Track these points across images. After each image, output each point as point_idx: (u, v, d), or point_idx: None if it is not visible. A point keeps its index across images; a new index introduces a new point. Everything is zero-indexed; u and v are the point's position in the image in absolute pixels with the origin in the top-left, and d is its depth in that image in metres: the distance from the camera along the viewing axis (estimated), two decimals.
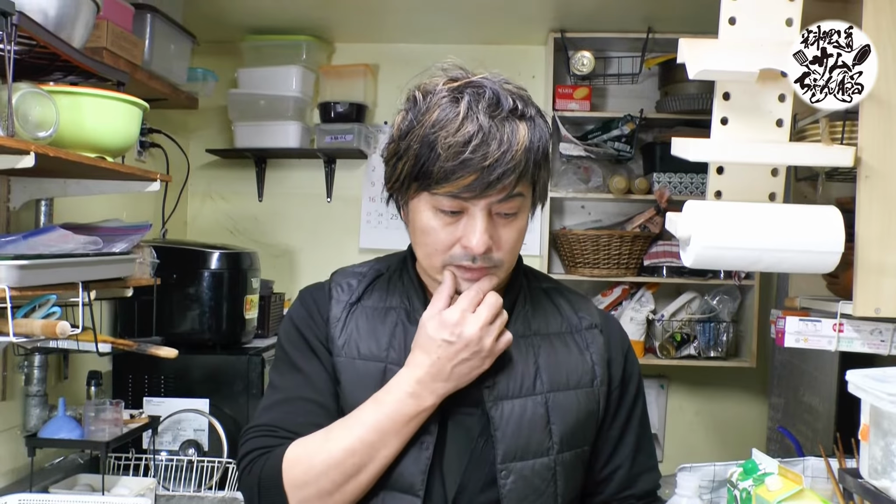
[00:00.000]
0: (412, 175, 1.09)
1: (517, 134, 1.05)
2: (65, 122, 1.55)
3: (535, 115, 1.09)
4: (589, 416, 1.18)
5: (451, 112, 1.05)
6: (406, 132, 1.09)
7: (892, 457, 1.13)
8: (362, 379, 1.15)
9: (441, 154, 1.04)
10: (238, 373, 2.39)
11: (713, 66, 1.44)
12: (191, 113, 2.98)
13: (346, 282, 1.24)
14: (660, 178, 2.91)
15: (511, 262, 1.15)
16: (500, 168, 1.03)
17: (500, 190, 1.05)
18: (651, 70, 3.05)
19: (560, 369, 1.17)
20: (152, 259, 2.02)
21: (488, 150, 1.02)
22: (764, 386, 3.09)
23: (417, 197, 1.11)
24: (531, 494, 1.12)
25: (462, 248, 1.09)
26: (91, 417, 1.97)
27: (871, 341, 1.59)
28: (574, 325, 1.22)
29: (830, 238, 1.42)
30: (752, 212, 1.45)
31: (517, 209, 1.10)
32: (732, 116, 1.51)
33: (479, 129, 1.03)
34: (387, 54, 3.19)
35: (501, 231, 1.10)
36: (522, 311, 1.20)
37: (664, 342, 2.97)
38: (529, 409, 1.14)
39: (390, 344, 1.16)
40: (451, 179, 1.04)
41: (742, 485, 1.50)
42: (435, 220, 1.10)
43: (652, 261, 2.97)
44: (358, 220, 3.20)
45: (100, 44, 1.97)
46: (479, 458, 1.13)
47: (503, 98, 1.06)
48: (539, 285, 1.27)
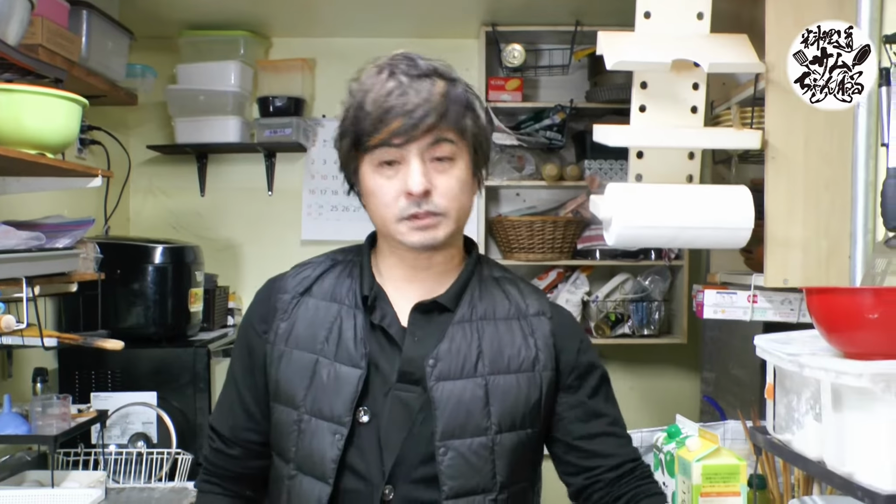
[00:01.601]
0: (352, 140, 1.19)
1: (435, 85, 1.16)
2: (3, 118, 1.57)
3: (456, 78, 1.21)
4: (529, 400, 1.23)
5: (377, 78, 1.17)
6: (345, 113, 1.21)
7: (793, 412, 1.24)
8: (295, 369, 1.22)
9: (369, 110, 1.15)
10: (185, 365, 2.41)
11: (629, 57, 1.54)
12: (130, 109, 2.98)
13: (301, 272, 1.31)
14: (591, 164, 3.02)
15: (457, 216, 1.21)
16: (420, 111, 1.14)
17: (426, 132, 1.15)
18: (581, 62, 3.15)
19: (502, 353, 1.22)
20: (96, 254, 2.04)
21: (408, 98, 1.14)
22: (696, 361, 3.22)
23: (362, 163, 1.20)
24: (468, 471, 1.18)
25: (405, 196, 1.17)
26: (38, 412, 1.97)
27: (781, 310, 1.71)
28: (521, 311, 1.27)
29: (741, 215, 1.53)
30: (669, 193, 1.56)
31: (450, 155, 1.18)
32: (650, 104, 1.61)
33: (400, 84, 1.15)
34: (323, 49, 3.23)
35: (438, 178, 1.18)
36: (470, 296, 1.26)
37: (599, 322, 3.08)
38: (469, 390, 1.19)
39: (327, 337, 1.23)
40: (380, 129, 1.15)
41: (666, 448, 1.61)
42: (378, 176, 1.19)
43: (585, 244, 3.09)
44: (299, 212, 3.24)
45: (35, 41, 1.97)
46: (418, 433, 1.19)
47: (420, 62, 1.18)
48: (491, 273, 1.32)
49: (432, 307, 1.24)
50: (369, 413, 1.20)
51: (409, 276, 1.26)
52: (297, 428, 1.21)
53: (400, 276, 1.27)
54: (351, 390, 1.19)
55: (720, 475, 1.46)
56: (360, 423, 1.19)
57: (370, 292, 1.24)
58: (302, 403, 1.21)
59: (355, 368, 1.20)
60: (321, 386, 1.20)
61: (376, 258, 1.30)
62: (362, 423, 1.19)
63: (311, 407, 1.20)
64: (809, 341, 1.26)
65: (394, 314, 1.24)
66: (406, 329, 1.23)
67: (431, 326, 1.23)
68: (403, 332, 1.22)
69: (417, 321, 1.23)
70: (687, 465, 1.49)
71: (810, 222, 1.60)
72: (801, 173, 1.60)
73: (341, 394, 1.19)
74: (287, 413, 1.23)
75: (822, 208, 1.60)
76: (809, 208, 1.60)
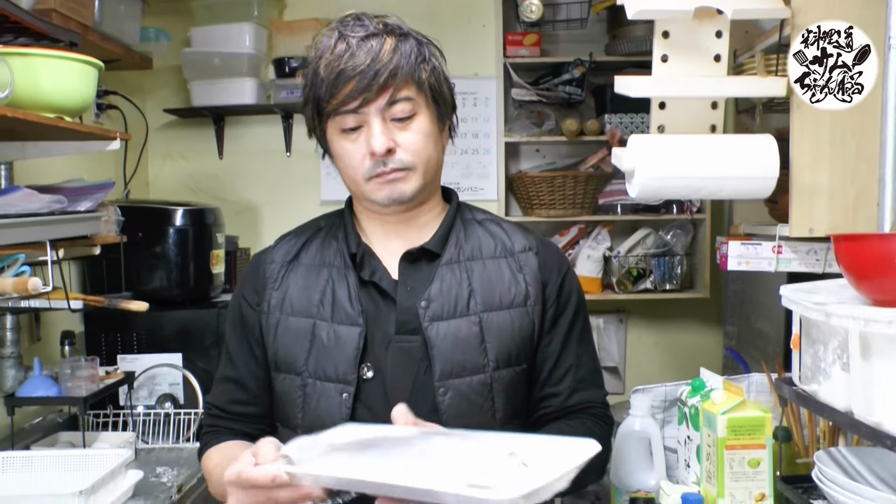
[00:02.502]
0: (314, 106, 1.22)
1: (384, 44, 1.18)
2: (20, 83, 1.57)
3: (407, 32, 1.22)
4: (523, 335, 1.25)
5: (327, 42, 1.19)
6: (304, 79, 1.23)
7: (819, 362, 1.23)
8: (293, 336, 1.24)
9: (323, 76, 1.18)
10: (208, 326, 2.44)
11: (651, 5, 1.50)
12: (146, 73, 2.97)
13: (286, 242, 1.33)
14: (611, 119, 2.98)
15: (425, 169, 1.23)
16: (371, 71, 1.16)
17: (380, 91, 1.17)
18: (599, 15, 3.10)
19: (493, 290, 1.24)
20: (117, 217, 2.05)
21: (358, 59, 1.16)
22: (719, 315, 3.21)
23: (327, 129, 1.23)
24: (469, 410, 1.20)
25: (370, 157, 1.19)
26: (67, 374, 2.01)
27: (807, 261, 1.68)
28: (508, 249, 1.29)
29: (766, 164, 1.50)
30: (692, 143, 1.53)
31: (409, 112, 1.20)
32: (672, 54, 1.57)
33: (348, 46, 1.17)
34: (337, 8, 3.09)
35: (401, 135, 1.20)
36: (455, 238, 1.28)
37: (621, 277, 3.07)
38: (464, 328, 1.21)
39: (321, 300, 1.24)
40: (336, 94, 1.17)
41: (691, 401, 1.61)
42: (343, 141, 1.21)
43: (606, 199, 3.06)
44: (318, 173, 3.24)
45: (48, 5, 1.96)
46: (422, 382, 1.20)
47: (367, 21, 1.20)
48: (474, 217, 1.34)
49: (420, 255, 1.26)
50: (373, 368, 1.21)
51: (391, 231, 1.28)
52: (303, 393, 1.22)
53: (383, 232, 1.29)
54: (353, 348, 1.20)
55: (745, 428, 1.46)
56: (365, 379, 1.21)
57: (357, 250, 1.26)
58: (304, 368, 1.22)
59: (354, 326, 1.21)
60: (322, 348, 1.22)
61: (358, 219, 1.32)
62: (367, 378, 1.21)
63: (315, 370, 1.22)
64: (836, 290, 1.25)
65: (383, 268, 1.26)
66: (397, 281, 1.24)
67: (422, 274, 1.25)
68: (395, 285, 1.24)
69: (407, 271, 1.25)
70: (712, 418, 1.48)
71: (837, 170, 1.57)
72: (827, 120, 1.57)
73: (344, 353, 1.21)
74: (290, 381, 1.24)
75: (848, 155, 1.56)
76: (836, 155, 1.56)
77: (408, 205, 1.25)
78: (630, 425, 1.67)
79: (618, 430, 1.69)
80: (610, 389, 3.44)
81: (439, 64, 1.25)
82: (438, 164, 1.27)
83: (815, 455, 1.32)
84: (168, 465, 2.07)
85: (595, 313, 3.26)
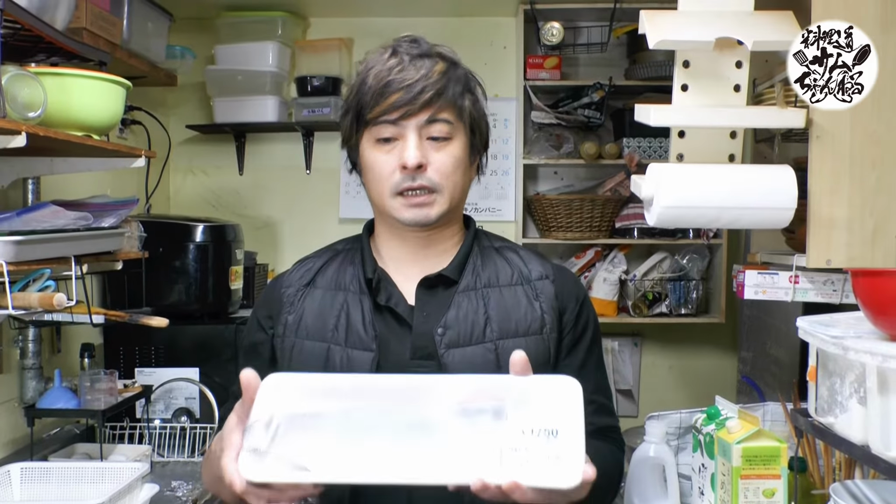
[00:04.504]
0: (354, 114, 1.24)
1: (436, 65, 1.22)
2: (52, 102, 1.60)
3: (458, 61, 1.26)
4: (539, 363, 1.23)
5: (380, 57, 1.23)
6: (349, 90, 1.27)
7: (836, 395, 1.23)
8: (307, 359, 1.25)
9: (370, 84, 1.21)
10: (226, 341, 2.46)
11: (672, 35, 1.51)
12: (170, 90, 3.02)
13: (303, 266, 1.34)
14: (629, 143, 2.99)
15: (451, 195, 1.24)
16: (419, 86, 1.19)
17: (423, 108, 1.19)
18: (619, 39, 3.11)
19: (510, 318, 1.25)
20: (140, 233, 2.08)
21: (408, 74, 1.20)
22: (733, 341, 3.21)
23: (362, 138, 1.25)
24: None
25: (400, 170, 1.21)
26: (86, 387, 2.04)
27: (823, 291, 1.69)
28: (524, 276, 1.30)
29: (784, 195, 1.51)
30: (711, 172, 1.54)
31: (446, 134, 1.22)
32: (692, 83, 1.59)
33: (401, 61, 1.21)
34: (360, 28, 3.23)
35: (434, 155, 1.22)
36: (472, 266, 1.29)
37: (637, 301, 3.07)
38: (480, 355, 1.22)
39: (336, 325, 1.25)
40: (381, 102, 1.20)
41: (706, 429, 1.61)
42: (376, 151, 1.23)
43: (623, 223, 3.07)
44: (337, 191, 3.27)
45: (80, 24, 2.00)
46: None
47: (422, 42, 1.24)
48: (491, 244, 1.35)
49: (437, 281, 1.27)
50: None
51: (410, 256, 1.29)
52: None
53: (401, 256, 1.30)
54: (365, 372, 1.21)
55: (760, 457, 1.46)
56: None
57: (373, 275, 1.27)
58: None
59: (367, 351, 1.22)
60: (335, 372, 1.22)
61: (376, 243, 1.33)
62: None
63: None
64: (854, 324, 1.25)
65: (399, 294, 1.27)
66: (413, 307, 1.25)
67: (438, 300, 1.26)
68: (411, 311, 1.25)
69: (424, 297, 1.26)
70: (727, 446, 1.48)
71: (855, 202, 1.57)
72: (846, 152, 1.57)
73: None
74: None
75: (867, 187, 1.57)
76: (854, 187, 1.57)
77: (430, 228, 1.27)
78: (645, 451, 1.67)
79: (632, 456, 1.69)
80: (624, 412, 3.45)
81: (481, 100, 1.29)
82: (464, 192, 1.29)
83: (831, 487, 1.32)
84: (183, 479, 2.09)
85: (610, 336, 3.26)
